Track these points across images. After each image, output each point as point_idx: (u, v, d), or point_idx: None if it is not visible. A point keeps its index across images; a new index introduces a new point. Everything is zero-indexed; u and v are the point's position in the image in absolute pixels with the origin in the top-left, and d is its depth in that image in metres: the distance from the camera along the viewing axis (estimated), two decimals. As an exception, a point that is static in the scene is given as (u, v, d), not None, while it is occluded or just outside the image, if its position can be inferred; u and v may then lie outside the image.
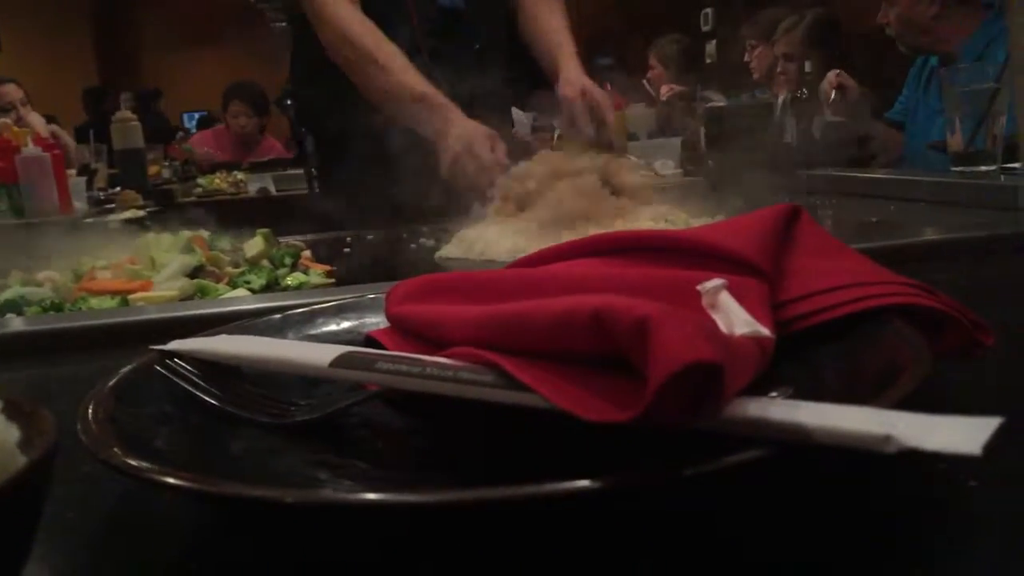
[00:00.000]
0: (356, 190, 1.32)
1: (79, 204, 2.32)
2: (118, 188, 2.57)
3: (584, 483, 0.22)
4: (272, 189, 3.10)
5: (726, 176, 1.32)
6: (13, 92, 2.96)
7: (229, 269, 0.95)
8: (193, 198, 2.98)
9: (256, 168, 3.55)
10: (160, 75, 7.74)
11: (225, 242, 1.06)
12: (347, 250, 1.17)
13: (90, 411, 0.32)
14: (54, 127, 2.80)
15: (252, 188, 3.15)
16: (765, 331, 0.34)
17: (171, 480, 0.26)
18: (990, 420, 0.23)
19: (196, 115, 7.33)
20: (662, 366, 0.23)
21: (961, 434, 0.22)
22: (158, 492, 0.32)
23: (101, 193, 2.63)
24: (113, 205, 2.40)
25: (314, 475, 0.32)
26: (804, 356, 0.38)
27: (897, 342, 0.34)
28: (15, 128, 2.26)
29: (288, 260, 0.99)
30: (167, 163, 3.65)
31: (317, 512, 0.25)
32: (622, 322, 0.25)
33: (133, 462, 0.27)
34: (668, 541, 0.27)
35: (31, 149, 2.13)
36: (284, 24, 5.74)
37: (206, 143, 4.18)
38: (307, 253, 1.04)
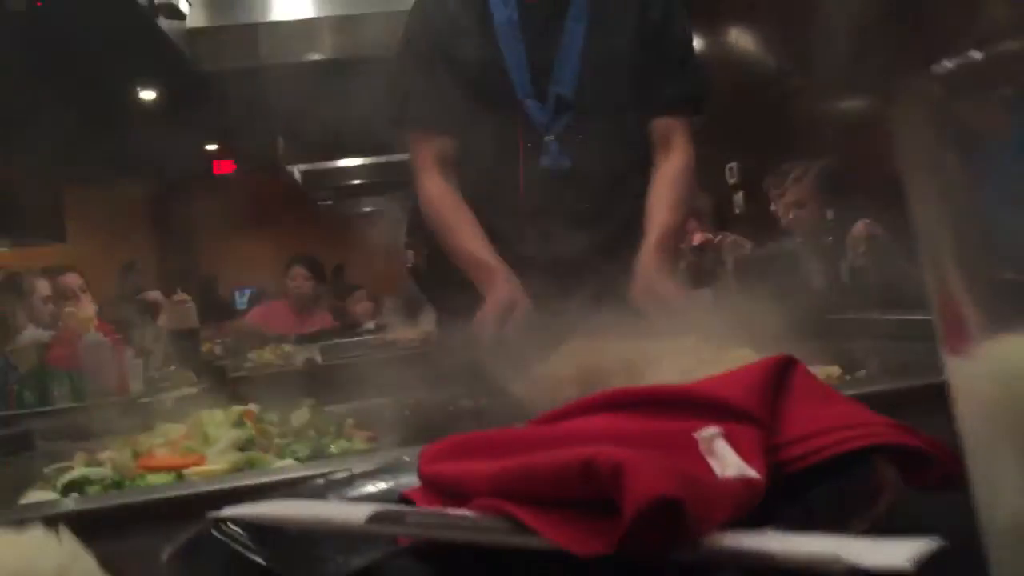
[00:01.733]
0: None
1: (135, 384, 2.42)
2: (172, 367, 2.67)
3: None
4: (318, 359, 3.19)
5: (756, 320, 1.34)
6: (73, 280, 3.15)
7: (277, 441, 1.00)
8: (244, 372, 3.07)
9: (302, 340, 3.67)
10: (214, 256, 8.13)
11: (273, 415, 1.11)
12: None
13: None
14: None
15: (299, 359, 3.25)
16: (753, 473, 0.38)
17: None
18: (929, 540, 0.26)
19: (247, 291, 7.64)
20: (632, 501, 0.27)
21: (900, 552, 0.26)
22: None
23: (156, 372, 2.74)
24: (167, 383, 2.50)
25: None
26: (798, 493, 0.41)
27: (876, 478, 0.38)
28: (79, 315, 2.40)
29: (332, 428, 1.04)
30: (219, 341, 3.80)
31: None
32: (603, 467, 0.29)
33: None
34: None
35: (93, 335, 2.25)
36: (330, 203, 6.05)
37: (259, 318, 4.38)
38: (350, 421, 1.09)
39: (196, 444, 0.97)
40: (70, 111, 5.36)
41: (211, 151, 7.96)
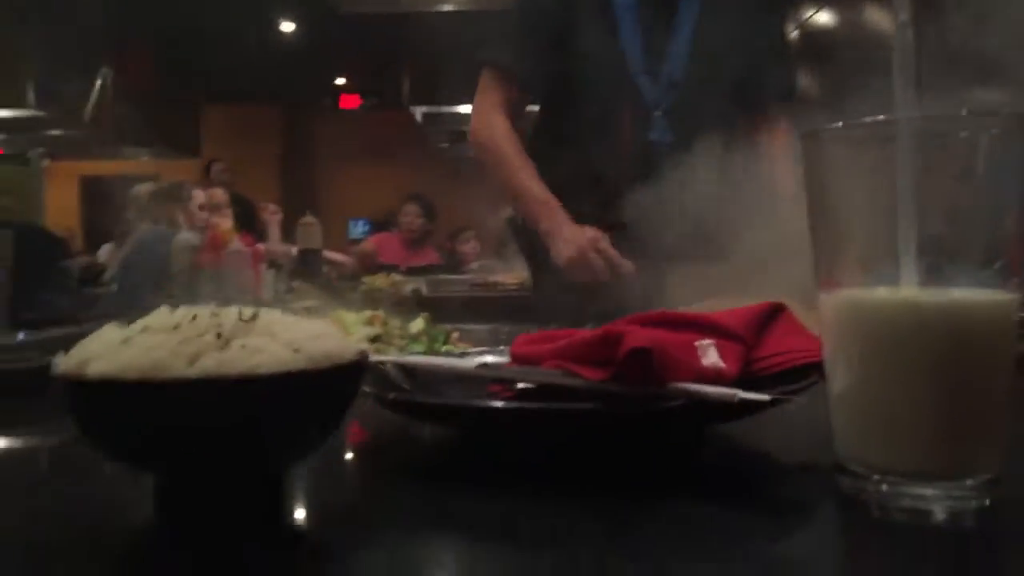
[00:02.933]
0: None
1: (266, 291, 2.76)
2: (297, 282, 3.00)
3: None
4: (424, 290, 3.48)
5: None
6: (219, 196, 3.51)
7: (398, 341, 1.25)
8: (358, 295, 3.39)
9: (412, 272, 3.97)
10: (333, 186, 8.56)
11: (395, 321, 1.37)
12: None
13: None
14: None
15: (407, 288, 3.54)
16: (723, 367, 0.59)
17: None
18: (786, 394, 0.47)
19: (360, 222, 8.06)
20: (623, 348, 0.49)
21: (766, 395, 0.47)
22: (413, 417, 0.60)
23: (283, 286, 3.07)
24: (292, 295, 2.82)
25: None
26: (757, 385, 0.62)
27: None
28: (224, 226, 2.74)
29: (442, 338, 1.28)
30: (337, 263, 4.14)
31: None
32: (612, 335, 0.51)
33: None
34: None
35: (236, 244, 2.58)
36: (446, 146, 6.30)
37: (373, 244, 4.73)
38: (456, 335, 1.34)
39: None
40: (214, 36, 5.77)
41: (339, 85, 8.36)
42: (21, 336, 1.20)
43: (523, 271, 3.51)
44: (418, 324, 1.34)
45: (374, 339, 1.21)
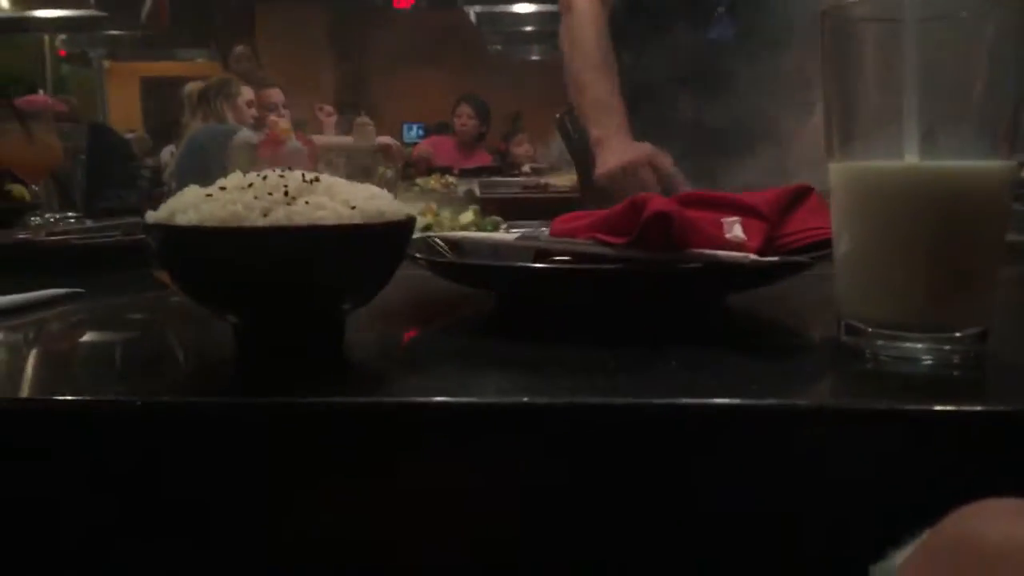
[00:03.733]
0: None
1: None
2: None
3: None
4: (477, 191, 3.53)
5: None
6: (276, 96, 3.56)
7: (448, 231, 1.31)
8: (411, 195, 3.46)
9: (465, 174, 4.01)
10: (387, 89, 8.56)
11: (447, 212, 1.43)
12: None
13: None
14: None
15: (460, 190, 3.60)
16: (744, 239, 0.64)
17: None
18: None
19: (415, 126, 8.07)
20: (647, 212, 0.54)
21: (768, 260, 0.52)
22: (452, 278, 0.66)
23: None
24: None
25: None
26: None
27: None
28: (282, 125, 2.81)
29: (490, 228, 1.34)
30: (389, 165, 4.20)
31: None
32: (639, 201, 0.56)
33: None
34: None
35: (294, 142, 2.66)
36: (499, 47, 6.23)
37: (428, 147, 4.77)
38: (505, 225, 1.39)
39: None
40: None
41: (394, -17, 8.25)
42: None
43: (575, 174, 3.54)
44: (468, 216, 1.40)
45: (426, 228, 1.28)
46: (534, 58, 7.56)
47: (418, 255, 0.65)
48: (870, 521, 0.38)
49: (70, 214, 1.54)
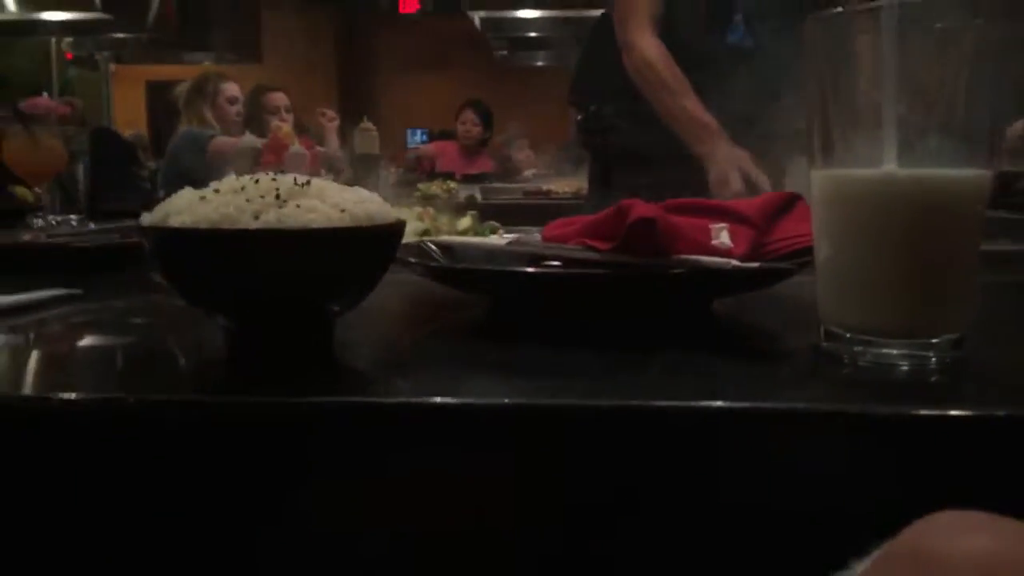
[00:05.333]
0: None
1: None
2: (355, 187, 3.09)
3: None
4: (479, 197, 3.54)
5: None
6: (280, 99, 3.58)
7: (445, 237, 1.32)
8: (413, 200, 3.47)
9: (467, 179, 4.03)
10: (391, 95, 8.58)
11: (444, 217, 1.44)
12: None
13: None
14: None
15: (461, 195, 3.61)
16: (731, 246, 0.65)
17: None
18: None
19: (419, 131, 8.10)
20: (630, 218, 0.55)
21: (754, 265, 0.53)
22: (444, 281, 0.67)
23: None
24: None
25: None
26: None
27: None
28: (285, 129, 2.82)
29: (487, 232, 1.35)
30: (393, 170, 4.21)
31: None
32: (624, 206, 0.57)
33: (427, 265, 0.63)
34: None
35: (297, 148, 2.67)
36: (505, 53, 6.26)
37: (432, 151, 4.79)
38: (501, 231, 1.40)
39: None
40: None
41: (399, -12, 8.28)
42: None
43: (577, 180, 3.55)
44: (465, 221, 1.41)
45: (423, 233, 1.29)
46: (539, 64, 7.58)
47: (411, 259, 0.67)
48: (841, 525, 0.39)
49: (72, 216, 1.56)
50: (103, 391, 0.47)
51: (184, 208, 0.48)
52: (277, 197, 0.49)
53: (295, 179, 0.51)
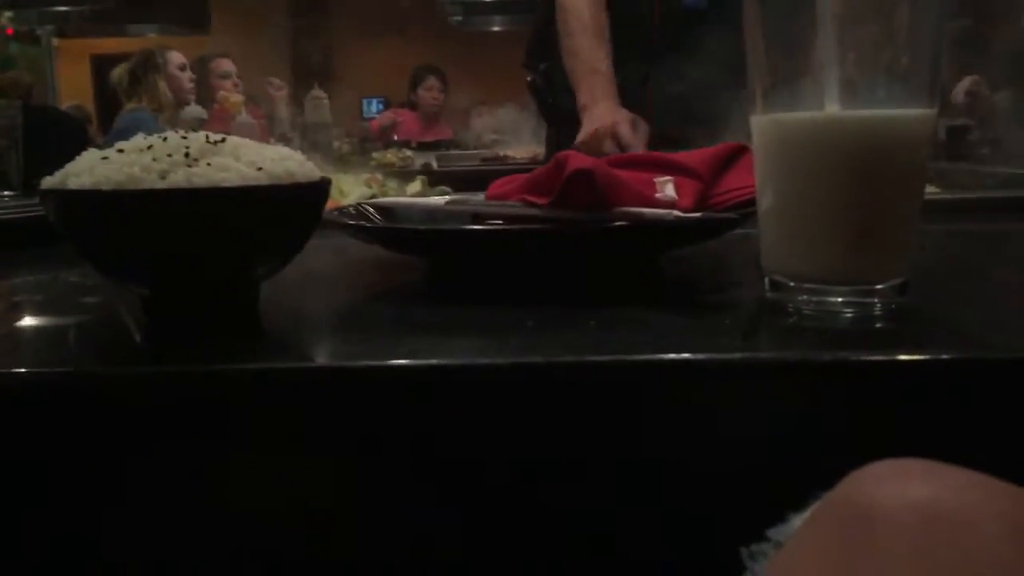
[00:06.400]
0: None
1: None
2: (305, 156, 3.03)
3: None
4: (435, 165, 3.49)
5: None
6: (227, 64, 3.48)
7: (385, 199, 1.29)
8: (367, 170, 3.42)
9: (424, 147, 3.97)
10: (345, 63, 8.43)
11: (392, 183, 1.41)
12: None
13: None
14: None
15: (417, 163, 3.56)
16: (676, 199, 0.63)
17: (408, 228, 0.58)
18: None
19: (375, 100, 7.97)
20: (567, 170, 0.52)
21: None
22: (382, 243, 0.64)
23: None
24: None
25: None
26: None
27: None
28: (232, 99, 2.75)
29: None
30: (347, 139, 4.14)
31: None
32: (561, 158, 0.55)
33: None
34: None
35: (244, 117, 2.60)
36: (460, 18, 6.17)
37: (392, 115, 4.72)
38: (453, 195, 1.37)
39: (334, 195, 1.28)
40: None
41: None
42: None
43: (535, 146, 3.51)
44: (415, 186, 1.38)
45: (370, 199, 1.25)
46: (495, 28, 7.49)
47: (348, 221, 0.64)
48: (787, 475, 0.37)
49: (6, 192, 1.50)
50: (18, 366, 0.44)
51: (84, 169, 0.45)
52: (187, 156, 0.46)
53: (207, 136, 0.48)
